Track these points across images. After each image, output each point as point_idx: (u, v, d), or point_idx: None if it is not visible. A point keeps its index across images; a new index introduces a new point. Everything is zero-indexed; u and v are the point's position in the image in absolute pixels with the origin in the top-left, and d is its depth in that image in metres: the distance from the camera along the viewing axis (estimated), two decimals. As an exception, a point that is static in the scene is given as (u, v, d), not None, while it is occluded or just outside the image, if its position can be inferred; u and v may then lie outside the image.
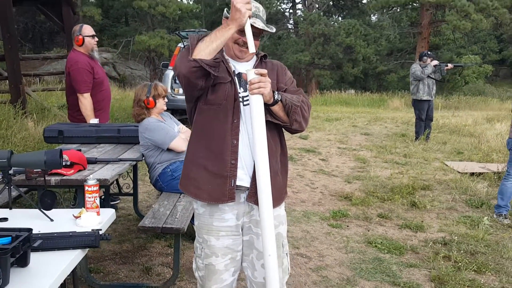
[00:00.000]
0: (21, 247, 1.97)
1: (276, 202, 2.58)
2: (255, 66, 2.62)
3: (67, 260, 2.15)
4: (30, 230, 2.12)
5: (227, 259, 2.62)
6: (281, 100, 2.48)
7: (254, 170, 2.47)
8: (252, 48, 2.36)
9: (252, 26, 2.49)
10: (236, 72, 2.60)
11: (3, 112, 7.76)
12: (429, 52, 11.08)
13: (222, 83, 2.53)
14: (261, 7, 2.63)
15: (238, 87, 2.56)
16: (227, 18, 2.47)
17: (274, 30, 2.66)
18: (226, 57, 2.62)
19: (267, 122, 2.50)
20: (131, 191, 5.51)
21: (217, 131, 2.53)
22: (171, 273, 4.05)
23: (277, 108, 2.50)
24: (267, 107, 2.46)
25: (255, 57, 2.70)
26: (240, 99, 2.55)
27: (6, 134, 6.98)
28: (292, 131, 2.68)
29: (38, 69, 20.59)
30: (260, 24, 2.53)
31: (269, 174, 2.38)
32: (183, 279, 4.01)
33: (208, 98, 2.55)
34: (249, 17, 2.37)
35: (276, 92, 2.48)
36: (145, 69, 31.43)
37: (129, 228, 5.06)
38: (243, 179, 2.56)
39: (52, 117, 9.37)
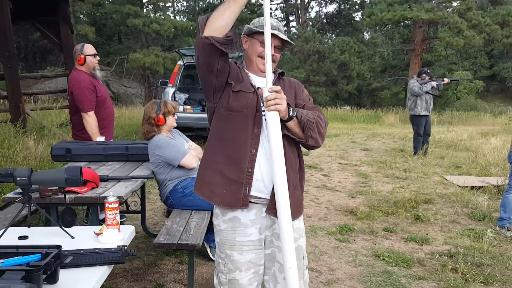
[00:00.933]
0: (52, 264, 1.98)
1: (295, 215, 2.62)
2: (274, 83, 2.65)
3: (95, 277, 2.16)
4: (59, 247, 2.14)
5: (251, 273, 2.64)
6: (296, 116, 2.52)
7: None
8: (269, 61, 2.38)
9: (276, 37, 2.56)
10: (256, 87, 2.63)
11: (4, 132, 7.76)
12: (428, 70, 11.17)
13: (245, 92, 2.57)
14: (281, 24, 2.70)
15: (260, 99, 2.58)
16: None
17: (294, 45, 2.71)
18: (247, 71, 2.67)
19: (287, 136, 2.55)
20: (139, 209, 5.51)
21: (237, 138, 2.55)
22: (184, 289, 4.07)
23: (292, 124, 2.54)
24: (283, 123, 2.48)
25: (273, 75, 2.73)
26: (263, 112, 2.57)
27: (8, 153, 6.97)
28: (309, 147, 2.71)
29: (32, 87, 20.59)
30: (283, 36, 2.60)
31: (287, 187, 2.40)
32: (196, 295, 4.02)
33: (230, 104, 2.57)
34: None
35: (291, 109, 2.51)
36: (139, 87, 31.49)
37: (137, 245, 5.05)
38: (262, 190, 2.59)
39: (52, 136, 9.36)
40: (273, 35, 2.57)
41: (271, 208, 2.57)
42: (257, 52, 2.63)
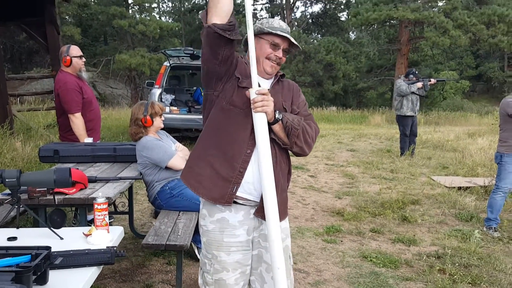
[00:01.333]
0: (42, 265, 1.98)
1: (282, 215, 2.62)
2: (273, 85, 2.67)
3: (85, 277, 2.16)
4: (49, 248, 2.13)
5: (237, 274, 2.64)
6: (281, 120, 2.51)
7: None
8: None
9: (285, 40, 2.60)
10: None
11: (-10, 133, 7.72)
12: (416, 72, 11.22)
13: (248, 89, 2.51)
14: (284, 25, 2.70)
15: None
16: None
17: (301, 49, 2.73)
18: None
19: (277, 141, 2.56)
20: (127, 210, 5.50)
21: (234, 136, 2.53)
22: (173, 290, 4.07)
23: (277, 128, 2.52)
24: (269, 126, 2.47)
25: (271, 80, 2.73)
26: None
27: (-5, 154, 6.95)
28: (295, 154, 2.70)
29: (18, 89, 20.46)
30: (293, 40, 2.63)
31: (274, 188, 2.40)
32: (185, 296, 4.02)
33: (233, 98, 2.54)
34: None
35: (277, 111, 2.49)
36: (125, 88, 31.43)
37: (125, 246, 5.04)
38: (251, 193, 2.58)
39: (39, 137, 9.31)
40: (283, 37, 2.59)
41: (260, 210, 2.55)
42: (266, 53, 2.60)
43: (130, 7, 34.18)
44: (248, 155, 2.53)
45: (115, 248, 2.38)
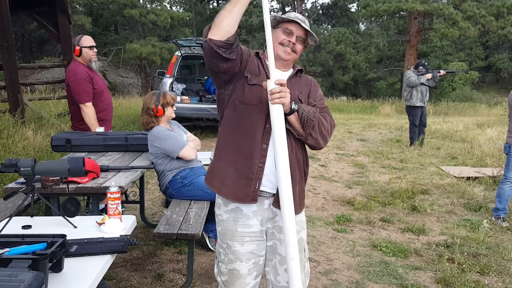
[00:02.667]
0: (58, 253, 2.01)
1: (299, 208, 2.65)
2: (290, 78, 2.67)
3: (99, 265, 2.19)
4: (64, 236, 2.17)
5: (251, 264, 2.67)
6: (297, 110, 2.52)
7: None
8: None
9: (299, 27, 2.60)
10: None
11: (2, 122, 7.76)
12: (425, 63, 11.18)
13: (261, 86, 2.52)
14: (306, 19, 2.71)
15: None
16: None
17: (317, 40, 2.71)
18: (267, 62, 2.58)
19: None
20: (138, 199, 5.54)
21: (249, 133, 2.56)
22: (183, 279, 4.11)
23: (293, 118, 2.53)
24: (285, 116, 2.48)
25: (291, 69, 2.75)
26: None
27: (7, 143, 6.99)
28: (311, 147, 2.70)
29: (28, 78, 20.54)
30: (306, 26, 2.63)
31: (290, 179, 2.42)
32: (196, 285, 4.05)
33: (245, 96, 2.57)
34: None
35: (293, 102, 2.50)
36: (136, 77, 31.47)
37: (137, 235, 5.08)
38: (266, 185, 2.60)
39: (50, 126, 9.35)
40: (297, 25, 2.61)
41: (277, 201, 2.56)
42: (278, 39, 2.62)
43: (141, -3, 34.17)
44: (264, 149, 2.56)
45: (128, 237, 2.41)
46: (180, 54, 12.21)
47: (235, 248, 2.66)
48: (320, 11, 43.57)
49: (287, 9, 41.81)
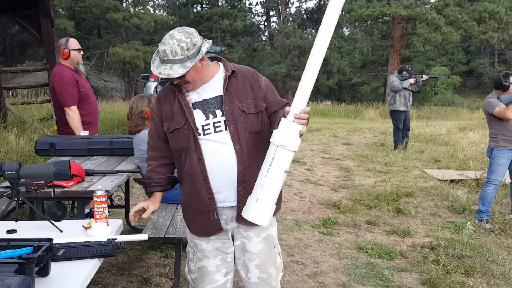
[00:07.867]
0: (45, 257, 2.00)
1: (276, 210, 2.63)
2: (226, 85, 2.57)
3: (86, 269, 2.19)
4: (50, 240, 2.15)
5: (218, 260, 2.71)
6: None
7: (237, 186, 2.55)
8: None
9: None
10: (200, 100, 2.58)
11: (-16, 126, 7.70)
12: (409, 68, 11.27)
13: (179, 129, 2.55)
14: (169, 49, 2.40)
15: (195, 120, 2.55)
16: None
17: (189, 66, 2.41)
18: (184, 91, 2.59)
19: (265, 134, 2.56)
20: (123, 203, 5.50)
21: (189, 172, 2.58)
22: (170, 283, 4.10)
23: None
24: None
25: (218, 79, 2.62)
26: (200, 131, 2.55)
27: (-11, 148, 6.93)
28: None
29: (10, 82, 20.33)
30: (166, 72, 2.42)
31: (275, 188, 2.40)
32: (182, 288, 4.05)
33: (173, 146, 2.62)
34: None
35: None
36: (119, 81, 31.28)
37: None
38: (224, 200, 2.61)
39: (33, 131, 9.26)
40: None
41: (242, 218, 2.50)
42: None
43: (124, 0, 33.99)
44: (206, 181, 2.56)
45: (115, 240, 2.40)
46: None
47: (202, 246, 2.71)
48: (305, 16, 43.72)
49: (271, 13, 41.92)
